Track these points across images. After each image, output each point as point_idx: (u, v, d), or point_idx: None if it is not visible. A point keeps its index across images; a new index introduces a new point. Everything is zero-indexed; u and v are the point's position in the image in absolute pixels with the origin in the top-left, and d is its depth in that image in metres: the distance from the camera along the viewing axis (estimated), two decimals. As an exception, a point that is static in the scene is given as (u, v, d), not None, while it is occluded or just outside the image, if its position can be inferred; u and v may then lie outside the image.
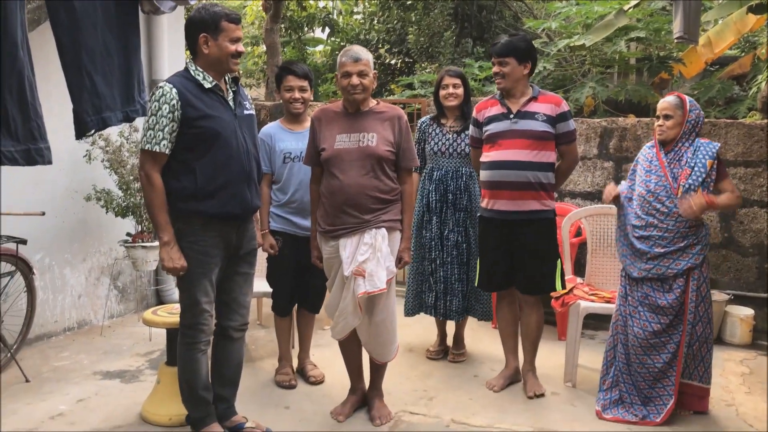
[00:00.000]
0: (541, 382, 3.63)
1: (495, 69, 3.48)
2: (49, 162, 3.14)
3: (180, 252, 2.75)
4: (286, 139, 3.58)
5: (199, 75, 2.77)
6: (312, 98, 3.68)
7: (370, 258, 2.94)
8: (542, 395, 3.54)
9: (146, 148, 2.71)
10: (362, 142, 3.03)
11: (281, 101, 3.68)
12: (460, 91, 3.96)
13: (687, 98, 3.28)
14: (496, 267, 3.59)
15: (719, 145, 3.25)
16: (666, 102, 3.31)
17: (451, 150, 3.96)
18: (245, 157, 2.82)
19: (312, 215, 3.24)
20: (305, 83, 3.57)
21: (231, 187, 2.78)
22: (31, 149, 3.02)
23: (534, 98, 3.47)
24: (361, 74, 3.00)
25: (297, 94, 3.56)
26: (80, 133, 3.43)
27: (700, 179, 3.16)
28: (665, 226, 3.19)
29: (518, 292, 3.61)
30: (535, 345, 3.65)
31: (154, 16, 4.93)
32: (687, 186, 3.16)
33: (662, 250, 3.17)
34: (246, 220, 2.93)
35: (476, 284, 3.77)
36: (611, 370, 3.40)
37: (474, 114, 3.64)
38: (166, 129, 2.69)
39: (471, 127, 3.69)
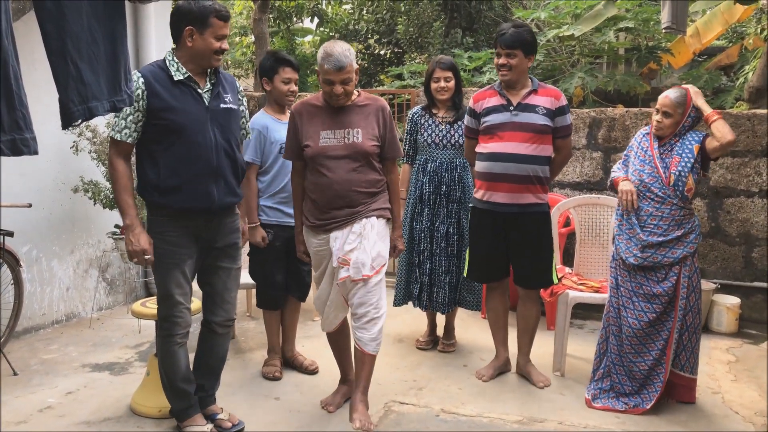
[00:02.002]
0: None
1: (502, 60, 3.38)
2: (35, 152, 3.09)
3: (145, 235, 2.71)
4: (280, 129, 3.56)
5: (173, 66, 2.71)
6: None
7: (357, 247, 2.93)
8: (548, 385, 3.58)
9: (111, 134, 2.71)
10: (348, 138, 2.98)
11: (268, 91, 3.62)
12: (452, 84, 3.92)
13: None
14: (489, 259, 3.58)
15: (706, 133, 3.26)
16: (667, 98, 3.22)
17: (445, 141, 3.94)
18: (213, 152, 2.73)
19: (295, 209, 3.20)
20: (297, 76, 3.59)
21: (194, 182, 2.70)
22: (17, 139, 2.97)
23: (534, 91, 3.44)
24: (345, 82, 2.92)
25: (294, 87, 3.57)
26: (66, 123, 3.38)
27: (689, 165, 3.17)
28: (660, 213, 3.20)
29: (519, 288, 3.61)
30: (532, 338, 3.68)
31: (141, 5, 4.88)
32: (677, 173, 3.17)
33: (659, 239, 3.17)
34: (218, 215, 2.84)
35: (465, 274, 3.78)
36: (603, 361, 3.42)
37: (471, 104, 3.59)
38: (130, 118, 2.66)
39: (466, 117, 3.63)
